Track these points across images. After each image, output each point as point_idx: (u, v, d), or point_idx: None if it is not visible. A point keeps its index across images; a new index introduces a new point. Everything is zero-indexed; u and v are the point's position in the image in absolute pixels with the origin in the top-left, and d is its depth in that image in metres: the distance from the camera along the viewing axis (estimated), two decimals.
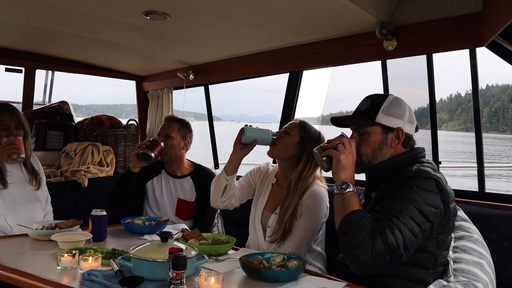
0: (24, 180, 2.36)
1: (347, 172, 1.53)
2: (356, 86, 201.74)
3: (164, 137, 2.60)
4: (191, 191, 2.65)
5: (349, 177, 1.52)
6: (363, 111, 1.62)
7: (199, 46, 2.94)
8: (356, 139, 1.62)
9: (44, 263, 1.68)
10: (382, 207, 1.44)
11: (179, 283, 1.32)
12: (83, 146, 3.37)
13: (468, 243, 1.65)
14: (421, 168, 1.51)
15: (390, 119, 1.58)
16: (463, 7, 1.90)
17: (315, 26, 2.35)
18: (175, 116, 2.79)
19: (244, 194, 2.29)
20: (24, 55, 3.40)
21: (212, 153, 3.71)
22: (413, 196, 1.40)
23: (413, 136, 1.66)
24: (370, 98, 1.64)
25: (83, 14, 2.33)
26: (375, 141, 1.59)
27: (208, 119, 3.80)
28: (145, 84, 4.09)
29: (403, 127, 1.59)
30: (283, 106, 3.07)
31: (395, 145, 1.60)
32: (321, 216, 2.07)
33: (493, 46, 1.93)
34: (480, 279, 1.54)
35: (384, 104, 1.59)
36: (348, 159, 1.53)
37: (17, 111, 2.36)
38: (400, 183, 1.47)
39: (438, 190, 1.44)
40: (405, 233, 1.34)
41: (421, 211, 1.39)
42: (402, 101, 1.63)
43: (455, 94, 10.39)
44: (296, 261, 1.64)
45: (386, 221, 1.36)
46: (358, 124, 1.63)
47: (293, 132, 2.10)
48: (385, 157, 1.60)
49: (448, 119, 37.96)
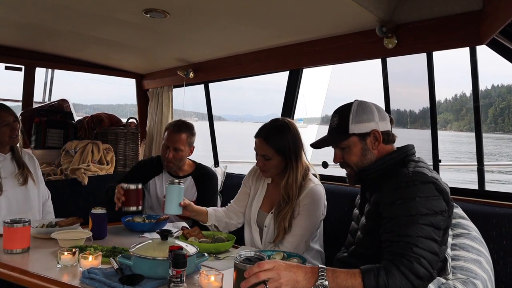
0: (14, 173, 2.37)
1: (302, 281, 1.27)
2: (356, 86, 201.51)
3: (173, 150, 2.55)
4: (192, 191, 2.65)
5: (308, 278, 1.28)
6: (335, 128, 1.65)
7: (199, 44, 2.94)
8: (339, 154, 1.66)
9: (44, 261, 1.69)
10: (393, 232, 1.39)
11: (179, 281, 1.32)
12: (83, 144, 3.37)
13: (466, 240, 1.66)
14: (417, 170, 1.49)
15: (361, 126, 1.60)
16: (463, 5, 1.90)
17: (315, 24, 2.34)
18: (181, 124, 2.63)
19: (244, 206, 2.29)
20: (24, 53, 3.40)
21: (212, 152, 3.71)
22: (419, 211, 1.38)
23: (391, 130, 1.67)
24: (338, 113, 1.67)
25: (83, 12, 2.33)
26: (356, 150, 1.61)
27: (208, 118, 3.80)
28: (145, 82, 4.09)
29: (377, 128, 1.61)
30: (283, 105, 3.07)
31: (377, 147, 1.61)
32: (319, 214, 2.07)
33: (493, 44, 1.93)
34: (479, 277, 1.54)
35: (351, 115, 1.61)
36: (288, 279, 1.26)
37: (10, 107, 2.40)
38: (400, 192, 1.44)
39: (438, 191, 1.44)
40: (429, 258, 1.33)
41: (432, 225, 1.38)
42: (367, 103, 1.65)
43: (460, 94, 10.34)
44: (296, 258, 1.65)
45: (410, 254, 1.32)
46: (335, 143, 1.66)
47: (269, 154, 2.05)
48: (372, 161, 1.61)
49: (453, 119, 37.75)
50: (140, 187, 2.17)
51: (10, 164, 2.37)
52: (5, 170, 2.33)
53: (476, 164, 2.29)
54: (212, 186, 2.69)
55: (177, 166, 2.62)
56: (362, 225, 1.63)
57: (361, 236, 1.62)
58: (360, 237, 1.62)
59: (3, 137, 2.31)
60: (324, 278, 1.28)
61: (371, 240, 1.54)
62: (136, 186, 2.15)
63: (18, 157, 2.40)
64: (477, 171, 2.29)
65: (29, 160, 2.50)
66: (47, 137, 3.47)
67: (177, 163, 2.61)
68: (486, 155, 2.67)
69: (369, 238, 1.56)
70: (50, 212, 2.56)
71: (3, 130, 2.30)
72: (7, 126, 2.31)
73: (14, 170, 2.37)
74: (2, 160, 2.33)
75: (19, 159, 2.40)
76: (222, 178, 3.44)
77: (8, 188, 2.29)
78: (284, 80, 3.07)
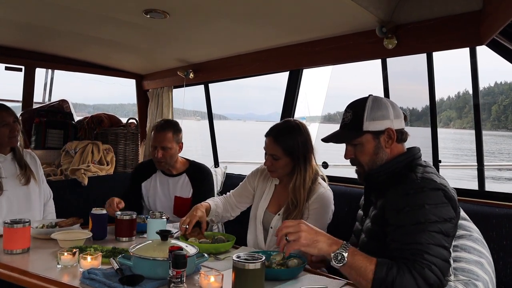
0: (16, 174, 2.36)
1: (322, 243, 1.40)
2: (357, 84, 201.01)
3: (162, 149, 2.56)
4: (187, 188, 2.65)
5: (330, 244, 1.39)
6: (348, 123, 1.60)
7: (199, 45, 2.94)
8: (351, 150, 1.62)
9: (44, 261, 1.68)
10: (402, 241, 1.38)
11: (179, 282, 1.32)
12: (83, 144, 3.37)
13: (468, 242, 1.65)
14: (426, 176, 1.46)
15: (376, 123, 1.56)
16: (463, 5, 1.90)
17: (315, 25, 2.34)
18: (164, 123, 2.67)
19: (242, 202, 2.30)
20: (24, 54, 3.40)
21: (212, 152, 3.71)
22: (428, 218, 1.36)
23: (404, 128, 1.63)
24: (351, 108, 1.62)
25: (83, 13, 2.33)
26: (369, 148, 1.58)
27: (208, 117, 3.80)
28: (145, 83, 4.09)
29: (391, 126, 1.57)
30: (283, 105, 3.07)
31: (390, 145, 1.57)
32: (327, 219, 2.07)
33: (493, 45, 1.93)
34: (480, 278, 1.54)
35: (366, 111, 1.56)
36: (307, 236, 1.41)
37: (10, 108, 2.40)
38: (409, 199, 1.41)
39: (447, 199, 1.42)
40: (440, 264, 1.32)
41: (442, 232, 1.36)
42: (382, 99, 1.60)
43: (462, 91, 10.36)
44: (296, 259, 1.64)
45: (421, 261, 1.31)
46: (348, 140, 1.62)
47: (278, 154, 2.04)
48: (383, 160, 1.58)
49: (456, 117, 37.41)
50: (134, 217, 2.10)
51: (11, 164, 2.37)
52: (6, 170, 2.32)
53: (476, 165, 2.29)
54: (207, 183, 2.69)
55: (169, 164, 2.63)
56: (367, 229, 1.61)
57: (365, 240, 1.61)
58: (365, 240, 1.61)
59: (2, 138, 2.30)
60: (345, 250, 1.36)
61: (375, 245, 1.53)
62: (130, 216, 2.08)
63: (19, 157, 2.40)
64: (477, 171, 2.29)
65: (31, 160, 2.50)
66: (47, 138, 3.47)
67: (168, 161, 2.61)
68: (494, 153, 2.65)
69: (373, 243, 1.55)
70: (51, 212, 2.56)
71: (2, 130, 2.29)
72: (7, 126, 2.30)
73: (16, 171, 2.36)
74: (2, 161, 2.33)
75: (21, 160, 2.40)
76: (222, 178, 3.44)
77: (9, 188, 2.29)
78: (286, 78, 3.07)
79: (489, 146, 24.52)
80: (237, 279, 1.33)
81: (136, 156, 3.72)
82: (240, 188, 2.32)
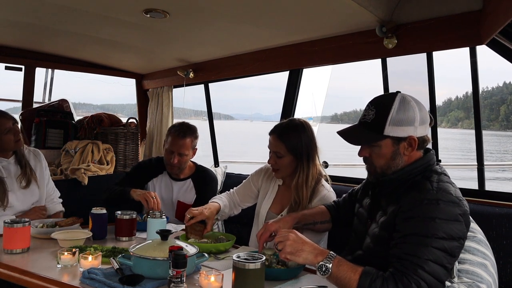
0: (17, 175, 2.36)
1: (308, 253, 1.40)
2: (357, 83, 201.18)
3: (178, 155, 2.52)
4: (191, 193, 2.64)
5: (315, 254, 1.39)
6: (369, 123, 1.48)
7: (199, 44, 2.94)
8: (367, 150, 1.53)
9: (44, 261, 1.69)
10: (402, 249, 1.34)
11: (179, 282, 1.32)
12: (83, 144, 3.37)
13: (472, 243, 1.62)
14: (441, 186, 1.40)
15: (399, 130, 1.45)
16: (463, 5, 1.90)
17: (315, 24, 2.34)
18: (186, 128, 2.56)
19: (246, 201, 2.31)
20: (24, 53, 3.40)
21: (212, 152, 3.71)
22: (435, 233, 1.31)
23: (427, 135, 1.54)
24: (375, 106, 1.48)
25: (83, 12, 2.33)
26: (386, 153, 1.48)
27: (208, 117, 3.80)
28: (145, 82, 4.09)
29: (414, 134, 1.46)
30: (283, 104, 3.07)
31: (409, 153, 1.48)
32: None
33: (493, 44, 1.93)
34: (484, 280, 1.52)
35: (391, 113, 1.44)
36: (292, 244, 1.41)
37: (6, 112, 2.39)
38: (421, 209, 1.36)
39: (461, 214, 1.36)
40: (431, 283, 1.28)
41: (446, 250, 1.31)
42: (411, 101, 1.46)
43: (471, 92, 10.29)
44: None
45: (411, 275, 1.28)
46: (367, 143, 1.52)
47: (281, 152, 2.04)
48: (399, 166, 1.49)
49: (464, 117, 37.04)
50: (134, 216, 2.09)
51: (14, 167, 2.37)
52: (8, 173, 2.32)
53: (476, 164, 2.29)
54: (210, 189, 2.68)
55: (181, 169, 2.63)
56: (374, 235, 1.54)
57: (371, 245, 1.54)
58: (371, 246, 1.55)
59: (9, 144, 2.31)
60: (330, 262, 1.35)
61: (382, 250, 1.46)
62: (130, 216, 2.07)
63: (21, 158, 2.39)
64: (477, 171, 2.29)
65: (35, 160, 2.49)
66: (47, 137, 3.47)
67: (182, 167, 2.61)
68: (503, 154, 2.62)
69: (381, 248, 1.48)
70: (57, 203, 2.55)
71: (7, 137, 2.30)
72: (10, 132, 2.30)
73: (18, 172, 2.36)
74: (6, 165, 2.33)
75: (22, 160, 2.39)
76: (222, 178, 3.44)
77: (10, 189, 2.29)
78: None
79: (497, 147, 24.18)
80: (237, 279, 1.33)
81: (136, 155, 3.72)
82: (244, 187, 2.33)
